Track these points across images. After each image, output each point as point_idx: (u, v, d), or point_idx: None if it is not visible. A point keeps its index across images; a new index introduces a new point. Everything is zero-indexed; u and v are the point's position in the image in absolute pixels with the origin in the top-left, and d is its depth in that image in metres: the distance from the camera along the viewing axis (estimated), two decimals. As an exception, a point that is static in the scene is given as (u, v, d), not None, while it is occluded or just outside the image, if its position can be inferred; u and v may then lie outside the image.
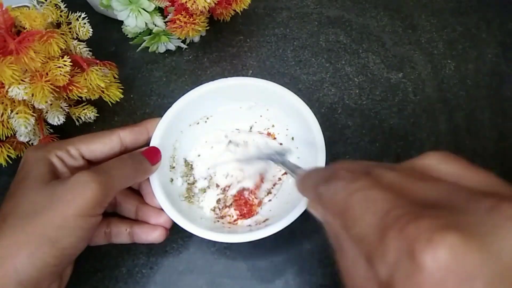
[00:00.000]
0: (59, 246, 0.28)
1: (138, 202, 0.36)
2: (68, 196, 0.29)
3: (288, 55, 0.48)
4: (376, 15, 0.50)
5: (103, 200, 0.30)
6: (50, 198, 0.29)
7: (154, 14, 0.42)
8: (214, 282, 0.37)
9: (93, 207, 0.29)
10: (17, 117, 0.35)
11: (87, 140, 0.34)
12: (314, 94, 0.45)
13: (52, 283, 0.29)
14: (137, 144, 0.36)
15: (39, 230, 0.28)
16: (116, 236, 0.35)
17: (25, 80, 0.34)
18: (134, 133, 0.35)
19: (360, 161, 0.23)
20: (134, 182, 0.34)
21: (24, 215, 0.28)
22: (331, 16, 0.50)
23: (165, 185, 0.35)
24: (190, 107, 0.38)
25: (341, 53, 0.48)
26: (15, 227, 0.28)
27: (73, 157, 0.33)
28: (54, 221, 0.28)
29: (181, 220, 0.33)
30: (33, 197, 0.29)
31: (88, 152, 0.33)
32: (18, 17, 0.34)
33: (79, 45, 0.39)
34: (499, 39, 0.48)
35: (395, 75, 0.46)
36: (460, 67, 0.47)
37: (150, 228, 0.35)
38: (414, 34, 0.49)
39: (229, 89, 0.38)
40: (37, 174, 0.30)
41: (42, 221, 0.28)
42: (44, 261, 0.28)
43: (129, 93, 0.45)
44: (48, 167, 0.31)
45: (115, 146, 0.34)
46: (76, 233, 0.29)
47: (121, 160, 0.33)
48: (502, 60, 0.47)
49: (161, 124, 0.37)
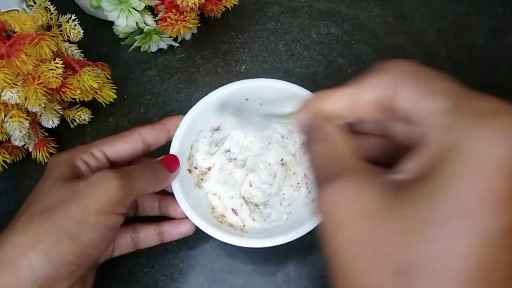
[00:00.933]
0: (78, 242, 0.26)
1: (161, 196, 0.36)
2: (89, 192, 0.28)
3: (281, 49, 0.48)
4: (366, 6, 0.50)
5: (124, 198, 0.29)
6: (69, 194, 0.28)
7: (144, 13, 0.42)
8: (216, 278, 0.37)
9: (115, 203, 0.28)
10: (11, 121, 0.35)
11: (109, 141, 0.33)
12: (308, 87, 0.45)
13: (72, 287, 0.28)
14: (159, 142, 0.35)
15: (57, 224, 0.26)
16: (144, 240, 0.35)
17: (17, 83, 0.33)
18: (155, 131, 0.35)
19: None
20: (154, 188, 0.33)
21: (41, 211, 0.27)
22: (322, 8, 0.50)
23: (188, 189, 0.35)
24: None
25: (333, 45, 0.48)
26: (31, 222, 0.27)
27: (97, 159, 0.33)
28: (74, 215, 0.27)
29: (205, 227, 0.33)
30: (52, 194, 0.28)
31: (112, 153, 0.33)
32: (8, 21, 0.34)
33: (71, 47, 0.39)
34: (490, 24, 0.49)
35: (387, 64, 0.46)
36: (452, 54, 0.47)
37: (179, 222, 0.35)
38: (405, 23, 0.49)
39: (249, 91, 0.38)
40: (58, 174, 0.30)
41: (60, 215, 0.27)
42: (62, 258, 0.26)
43: (122, 93, 0.45)
44: (72, 168, 0.31)
45: (138, 145, 0.34)
46: (96, 229, 0.27)
47: (140, 166, 0.32)
48: (494, 45, 0.47)
49: (181, 126, 0.36)
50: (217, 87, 0.38)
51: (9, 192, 0.41)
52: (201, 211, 0.34)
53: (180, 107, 0.44)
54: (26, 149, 0.40)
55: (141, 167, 0.32)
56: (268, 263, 0.37)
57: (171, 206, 0.35)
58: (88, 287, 0.31)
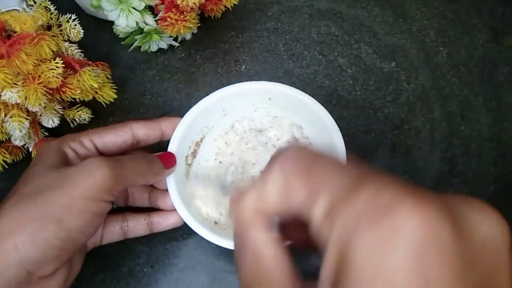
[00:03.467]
0: (64, 227, 0.26)
1: (151, 188, 0.36)
2: (77, 177, 0.28)
3: (281, 49, 0.48)
4: (366, 6, 0.50)
5: (113, 187, 0.29)
6: (58, 179, 0.28)
7: (144, 13, 0.42)
8: (216, 278, 0.37)
9: (103, 191, 0.28)
10: (11, 121, 0.35)
11: (100, 131, 0.33)
12: (308, 86, 0.45)
13: (58, 270, 0.28)
14: (149, 139, 0.35)
15: (44, 208, 0.26)
16: (133, 230, 0.35)
17: (17, 83, 0.33)
18: (147, 127, 0.35)
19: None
20: (146, 180, 0.32)
21: (29, 195, 0.27)
22: (322, 8, 0.50)
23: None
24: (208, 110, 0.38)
25: (333, 45, 0.48)
26: (18, 205, 0.27)
27: (86, 148, 0.32)
28: (61, 200, 0.27)
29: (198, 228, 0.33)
30: (41, 179, 0.28)
31: (101, 143, 0.33)
32: (8, 21, 0.34)
33: (71, 47, 0.39)
34: (490, 24, 0.49)
35: (388, 64, 0.46)
36: (452, 54, 0.47)
37: (168, 213, 0.35)
38: (405, 23, 0.49)
39: (248, 93, 0.38)
40: (47, 160, 0.30)
41: (47, 199, 0.27)
42: (48, 241, 0.26)
43: (122, 93, 0.45)
44: (60, 155, 0.31)
45: (128, 138, 0.34)
46: (83, 215, 0.27)
47: (135, 156, 0.32)
48: (493, 45, 0.47)
49: (180, 126, 0.36)
50: (218, 87, 0.38)
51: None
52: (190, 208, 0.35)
53: (180, 107, 0.44)
54: (26, 149, 0.40)
55: (135, 157, 0.32)
56: (268, 263, 0.37)
57: (161, 198, 0.35)
58: (75, 271, 0.31)
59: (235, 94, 0.38)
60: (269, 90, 0.38)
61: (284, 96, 0.38)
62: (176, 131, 0.36)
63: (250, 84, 0.38)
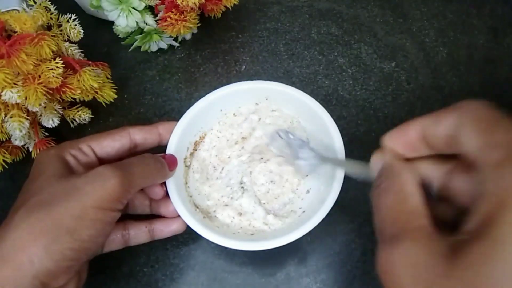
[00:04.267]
0: (77, 238, 0.27)
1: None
2: (87, 188, 0.28)
3: (281, 49, 0.48)
4: (366, 6, 0.50)
5: (123, 195, 0.29)
6: (68, 190, 0.28)
7: (144, 13, 0.42)
8: (216, 278, 0.37)
9: (113, 200, 0.28)
10: (11, 121, 0.35)
11: (97, 137, 0.34)
12: (308, 86, 0.45)
13: (70, 280, 0.28)
14: (147, 142, 0.35)
15: (56, 220, 0.26)
16: (135, 237, 0.35)
17: (17, 83, 0.33)
18: (144, 131, 0.35)
19: None
20: (153, 183, 0.33)
21: (39, 206, 0.27)
22: (322, 8, 0.50)
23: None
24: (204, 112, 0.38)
25: (333, 44, 0.48)
26: (29, 218, 0.27)
27: (85, 154, 0.33)
28: (72, 211, 0.27)
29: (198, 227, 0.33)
30: (49, 189, 0.28)
31: (99, 149, 0.33)
32: (8, 21, 0.34)
33: (71, 47, 0.39)
34: (490, 24, 0.49)
35: (388, 64, 0.46)
36: (452, 54, 0.47)
37: (170, 220, 0.35)
38: (405, 23, 0.49)
39: (244, 92, 0.38)
40: (52, 170, 0.30)
41: (59, 211, 0.27)
42: (62, 253, 0.26)
43: (122, 93, 0.45)
44: (63, 164, 0.31)
45: (125, 143, 0.34)
46: (95, 225, 0.28)
47: (143, 159, 0.32)
48: (493, 45, 0.47)
49: (177, 128, 0.36)
50: (218, 87, 0.38)
51: (9, 192, 0.41)
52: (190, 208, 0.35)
53: (180, 107, 0.44)
54: (26, 149, 0.40)
55: (142, 161, 0.32)
56: (268, 263, 0.37)
57: (163, 204, 0.35)
58: (83, 280, 0.31)
59: (232, 93, 0.38)
60: (266, 89, 0.38)
61: (281, 95, 0.38)
62: (174, 133, 0.36)
63: (247, 84, 0.38)
